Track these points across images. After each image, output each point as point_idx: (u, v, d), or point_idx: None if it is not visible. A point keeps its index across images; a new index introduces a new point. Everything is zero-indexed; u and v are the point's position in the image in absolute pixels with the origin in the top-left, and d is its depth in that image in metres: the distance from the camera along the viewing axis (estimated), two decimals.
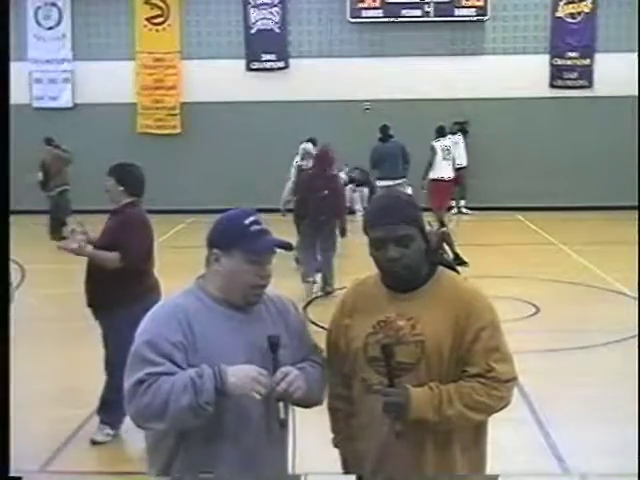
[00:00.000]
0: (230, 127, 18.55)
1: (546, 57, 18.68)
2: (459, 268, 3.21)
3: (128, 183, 5.68)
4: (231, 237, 2.83)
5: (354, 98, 18.27)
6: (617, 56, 18.04)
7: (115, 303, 5.47)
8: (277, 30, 18.87)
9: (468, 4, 18.40)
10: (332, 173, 10.67)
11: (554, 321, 9.30)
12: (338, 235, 10.50)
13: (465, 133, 18.19)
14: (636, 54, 16.99)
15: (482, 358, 2.82)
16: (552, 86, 18.78)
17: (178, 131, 19.12)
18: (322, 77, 18.32)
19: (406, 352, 2.83)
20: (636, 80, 17.32)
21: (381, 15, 18.49)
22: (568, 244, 13.72)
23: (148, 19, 19.00)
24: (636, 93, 17.16)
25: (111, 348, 5.61)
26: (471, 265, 10.96)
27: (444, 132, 15.65)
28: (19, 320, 4.50)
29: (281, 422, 2.76)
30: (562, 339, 8.57)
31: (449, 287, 2.92)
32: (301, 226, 10.50)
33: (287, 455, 2.97)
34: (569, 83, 18.75)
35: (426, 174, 14.85)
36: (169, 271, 6.10)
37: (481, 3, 18.40)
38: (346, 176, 16.72)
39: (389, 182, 14.85)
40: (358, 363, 2.93)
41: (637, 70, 17.34)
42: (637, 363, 6.58)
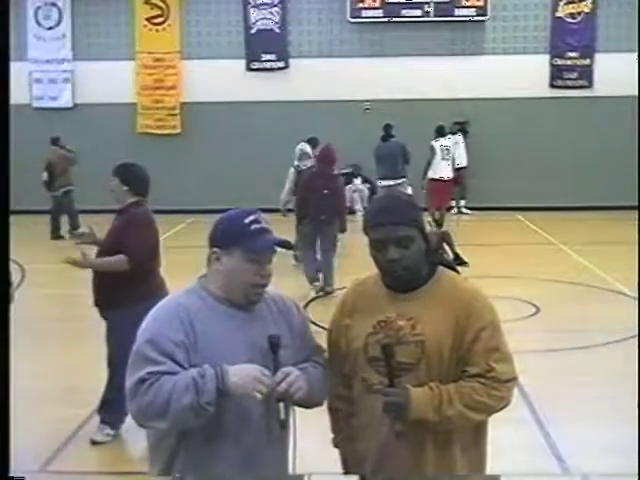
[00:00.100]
0: (230, 127, 18.54)
1: (546, 57, 18.67)
2: (459, 268, 3.21)
3: (132, 183, 5.73)
4: (231, 236, 2.83)
5: (354, 98, 18.25)
6: (617, 56, 18.03)
7: (121, 302, 5.49)
8: (277, 30, 18.86)
9: (468, 4, 18.39)
10: (333, 173, 10.65)
11: (554, 321, 9.30)
12: (338, 235, 10.49)
13: (465, 133, 18.18)
14: (636, 54, 16.98)
15: (482, 358, 2.82)
16: (552, 86, 18.77)
17: (178, 131, 19.11)
18: (322, 77, 18.30)
19: (406, 352, 2.83)
20: (636, 80, 17.31)
21: (381, 15, 18.47)
22: (568, 244, 13.72)
23: (148, 19, 18.99)
24: (636, 93, 17.14)
25: (114, 347, 5.62)
26: (471, 265, 10.96)
27: (444, 132, 15.64)
28: (19, 320, 4.50)
29: (281, 423, 2.76)
30: (562, 339, 8.57)
31: (449, 287, 2.93)
32: (300, 226, 10.49)
33: (288, 455, 2.96)
34: (569, 83, 18.74)
35: (425, 174, 14.90)
36: (169, 271, 6.10)
37: (481, 3, 18.39)
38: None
39: (389, 182, 14.86)
40: (358, 363, 2.93)
41: (637, 70, 17.33)
42: (637, 363, 6.58)
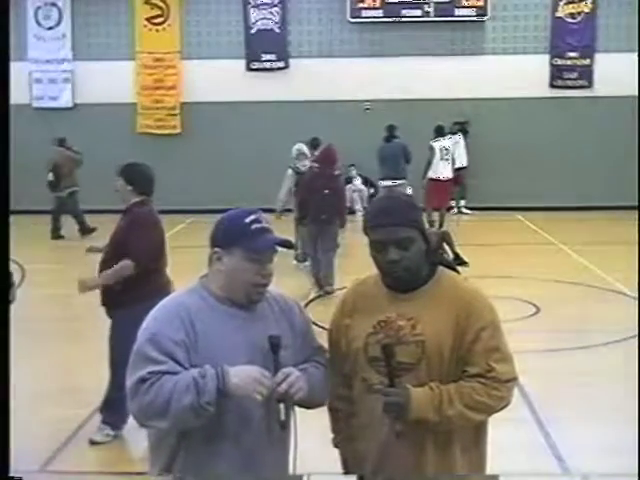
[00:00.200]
0: (230, 127, 18.53)
1: (546, 57, 18.66)
2: (459, 268, 3.21)
3: (137, 182, 5.76)
4: (232, 236, 2.83)
5: (354, 98, 18.25)
6: (617, 56, 18.02)
7: (126, 302, 5.50)
8: (277, 30, 18.86)
9: (468, 4, 18.38)
10: (333, 173, 10.64)
11: (554, 321, 9.30)
12: (339, 234, 10.48)
13: (465, 133, 18.17)
14: (636, 54, 16.98)
15: (482, 358, 2.82)
16: (552, 86, 18.76)
17: (178, 131, 19.10)
18: (322, 77, 18.29)
19: (406, 352, 2.83)
20: (636, 80, 17.31)
21: (381, 15, 18.46)
22: (568, 244, 13.71)
23: (148, 19, 18.98)
24: (636, 93, 17.15)
25: (117, 346, 5.62)
26: (471, 265, 10.96)
27: (443, 132, 15.66)
28: (19, 320, 4.50)
29: (281, 423, 2.76)
30: (562, 339, 8.57)
31: (449, 287, 2.93)
32: (301, 226, 10.48)
33: (288, 456, 2.96)
34: (569, 83, 18.73)
35: (425, 173, 14.95)
36: (170, 271, 6.10)
37: (481, 3, 18.38)
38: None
39: (389, 182, 14.91)
40: (358, 363, 2.92)
41: (637, 70, 17.33)
42: (637, 363, 6.58)
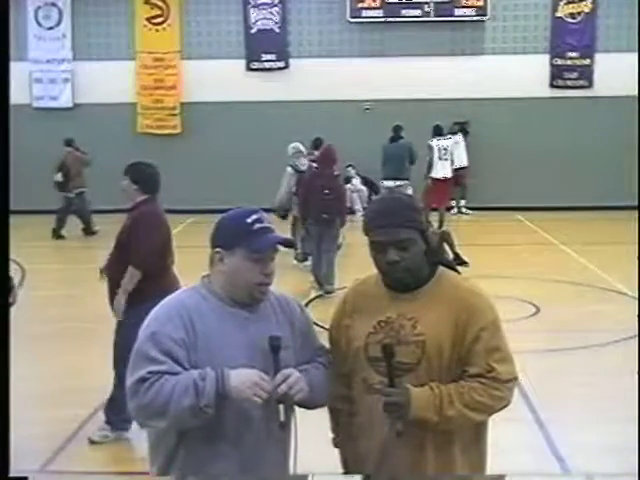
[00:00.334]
0: (230, 127, 18.52)
1: (546, 57, 18.65)
2: (459, 268, 3.21)
3: (142, 182, 5.79)
4: (234, 236, 2.82)
5: (354, 98, 18.24)
6: (617, 56, 18.02)
7: (133, 301, 5.52)
8: (277, 30, 18.85)
9: (468, 4, 18.38)
10: (333, 173, 10.67)
11: (554, 321, 9.30)
12: (340, 234, 10.51)
13: (465, 133, 18.17)
14: (636, 54, 16.98)
15: (483, 358, 2.82)
16: (552, 86, 18.75)
17: (178, 131, 19.09)
18: (322, 77, 18.28)
19: (407, 352, 2.83)
20: (636, 80, 17.31)
21: (381, 15, 18.46)
22: (568, 244, 13.71)
23: (148, 19, 18.97)
24: (636, 93, 17.14)
25: (122, 345, 5.63)
26: (471, 265, 10.95)
27: (441, 131, 15.75)
28: (19, 320, 4.50)
29: (281, 424, 2.76)
30: (562, 339, 8.57)
31: (450, 287, 2.92)
32: (303, 226, 10.48)
33: (288, 456, 2.96)
34: (569, 83, 18.73)
35: (428, 173, 15.09)
36: None
37: (481, 3, 18.37)
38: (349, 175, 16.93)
39: (391, 182, 14.96)
40: (359, 363, 2.92)
41: (637, 70, 17.32)
42: (637, 363, 6.58)
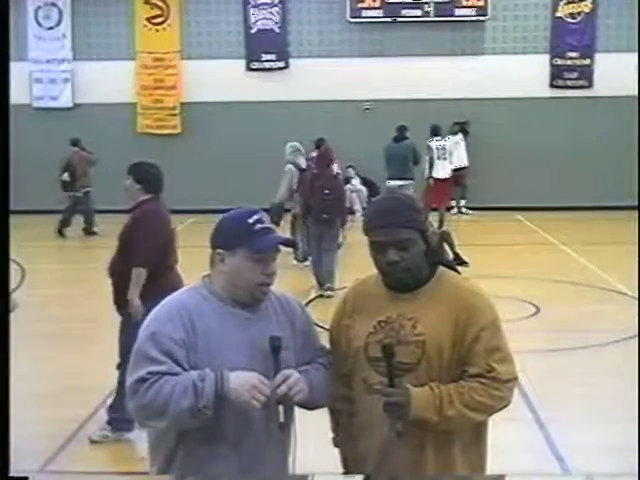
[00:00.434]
0: (230, 127, 18.53)
1: (546, 57, 18.66)
2: (459, 268, 3.21)
3: (145, 181, 5.80)
4: (235, 237, 2.82)
5: (354, 98, 18.24)
6: (617, 56, 18.02)
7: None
8: (277, 30, 18.86)
9: (468, 4, 18.38)
10: (332, 173, 10.72)
11: (554, 321, 9.30)
12: (340, 233, 10.53)
13: (465, 133, 18.17)
14: (636, 54, 16.98)
15: (483, 358, 2.81)
16: (552, 86, 18.76)
17: (178, 131, 19.10)
18: (322, 77, 18.29)
19: (407, 352, 2.83)
20: (636, 80, 17.31)
21: (381, 15, 18.47)
22: (568, 244, 13.71)
23: (148, 19, 18.98)
24: (636, 93, 17.15)
25: (126, 344, 5.63)
26: (471, 265, 10.95)
27: (438, 132, 15.82)
28: (19, 320, 4.50)
29: (281, 425, 2.76)
30: (562, 339, 8.57)
31: (450, 287, 2.92)
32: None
33: (288, 457, 2.96)
34: (569, 83, 18.73)
35: (430, 173, 15.16)
36: None
37: (481, 3, 18.38)
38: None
39: (396, 182, 15.04)
40: (359, 363, 2.92)
41: (637, 70, 17.33)
42: (637, 363, 6.58)
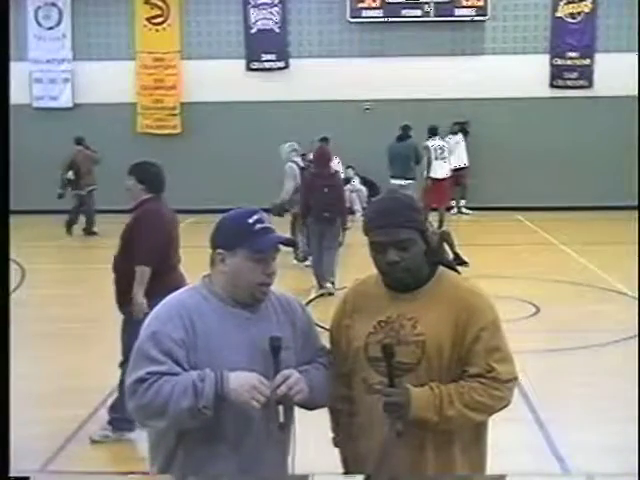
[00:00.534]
0: (230, 127, 18.52)
1: (546, 57, 18.66)
2: (459, 268, 3.21)
3: (149, 181, 5.81)
4: (235, 237, 2.82)
5: (354, 98, 18.24)
6: (617, 56, 18.02)
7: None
8: (277, 30, 18.85)
9: (468, 4, 18.38)
10: (330, 172, 10.78)
11: (554, 321, 9.30)
12: (341, 233, 10.54)
13: (466, 133, 18.18)
14: (636, 54, 16.98)
15: (483, 358, 2.81)
16: (552, 86, 18.76)
17: (178, 131, 19.10)
18: (322, 77, 18.29)
19: (407, 352, 2.83)
20: (636, 80, 17.31)
21: (381, 15, 18.46)
22: (568, 244, 13.71)
23: (148, 19, 18.98)
24: (636, 93, 17.15)
25: (128, 343, 5.63)
26: (471, 265, 10.95)
27: (435, 132, 15.88)
28: (19, 320, 4.50)
29: (281, 426, 2.76)
30: (562, 339, 8.57)
31: (450, 287, 2.92)
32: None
33: (287, 457, 2.96)
34: (569, 83, 18.73)
35: (428, 173, 15.25)
36: None
37: (481, 3, 18.38)
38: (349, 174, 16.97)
39: (400, 181, 15.12)
40: (359, 363, 2.92)
41: (637, 70, 17.33)
42: (637, 363, 6.58)
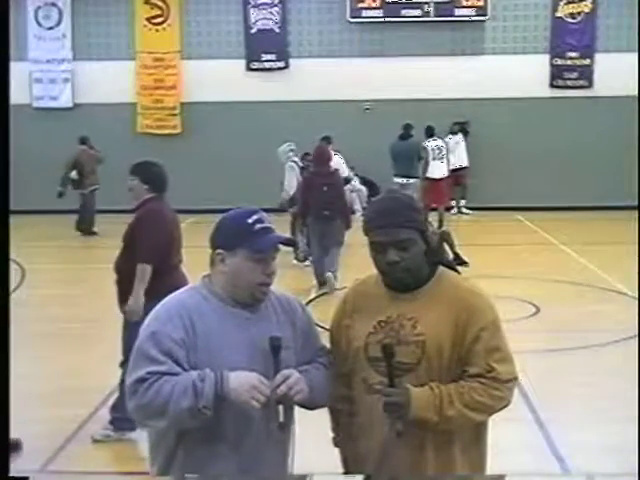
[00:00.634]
0: (230, 127, 18.52)
1: (546, 57, 18.66)
2: (459, 268, 3.21)
3: (152, 181, 5.82)
4: (235, 237, 2.82)
5: (354, 98, 18.24)
6: (617, 56, 18.02)
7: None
8: (277, 30, 18.85)
9: (468, 4, 18.38)
10: (330, 170, 10.81)
11: (554, 321, 9.30)
12: (343, 232, 10.55)
13: (466, 133, 18.18)
14: (636, 54, 16.98)
15: (483, 358, 2.81)
16: (552, 86, 18.75)
17: (178, 131, 19.09)
18: (322, 77, 18.28)
19: (407, 352, 2.83)
20: (636, 80, 17.31)
21: (381, 15, 18.46)
22: (568, 244, 13.71)
23: (148, 19, 18.97)
24: (636, 93, 17.14)
25: (129, 343, 5.63)
26: (471, 265, 10.95)
27: (433, 132, 15.93)
28: (19, 320, 4.50)
29: (280, 425, 2.76)
30: (562, 339, 8.57)
31: (450, 287, 2.92)
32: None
33: (287, 457, 2.96)
34: (569, 83, 18.73)
35: (424, 173, 15.33)
36: None
37: (481, 3, 18.38)
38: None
39: (403, 180, 15.18)
40: (359, 363, 2.92)
41: (637, 70, 17.32)
42: (637, 363, 6.58)
